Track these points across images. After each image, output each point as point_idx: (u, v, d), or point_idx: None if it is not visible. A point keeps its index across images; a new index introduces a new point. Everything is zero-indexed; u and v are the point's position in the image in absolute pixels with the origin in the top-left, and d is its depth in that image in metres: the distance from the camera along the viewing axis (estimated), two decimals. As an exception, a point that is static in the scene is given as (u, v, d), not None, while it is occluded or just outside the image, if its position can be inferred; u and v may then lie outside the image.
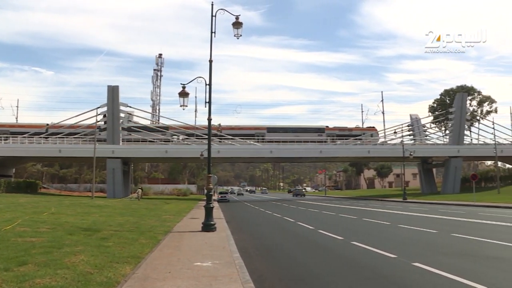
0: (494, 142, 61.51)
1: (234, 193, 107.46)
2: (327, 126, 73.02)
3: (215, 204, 33.58)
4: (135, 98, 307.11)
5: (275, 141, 65.05)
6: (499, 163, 70.94)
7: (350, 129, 73.42)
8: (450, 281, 7.84)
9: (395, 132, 66.55)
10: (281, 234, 17.96)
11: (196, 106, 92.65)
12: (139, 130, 60.44)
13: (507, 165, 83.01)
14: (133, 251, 10.75)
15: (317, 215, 28.88)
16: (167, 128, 63.06)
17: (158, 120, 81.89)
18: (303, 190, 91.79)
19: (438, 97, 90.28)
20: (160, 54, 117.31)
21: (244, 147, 61.32)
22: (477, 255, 10.99)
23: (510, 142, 68.41)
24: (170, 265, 9.13)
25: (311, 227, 19.30)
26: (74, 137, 59.21)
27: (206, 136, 17.95)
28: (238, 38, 17.93)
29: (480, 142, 69.20)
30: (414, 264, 9.49)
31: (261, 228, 20.67)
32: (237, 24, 17.71)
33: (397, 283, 7.98)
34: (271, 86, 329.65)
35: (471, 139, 72.20)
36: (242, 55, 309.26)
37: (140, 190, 54.38)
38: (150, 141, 60.71)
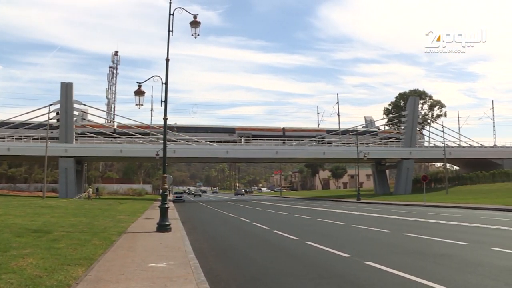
0: (443, 144, 63.50)
1: (193, 194, 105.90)
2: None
3: (170, 205, 33.30)
4: (89, 96, 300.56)
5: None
6: (448, 165, 73.37)
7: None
8: (400, 279, 8.07)
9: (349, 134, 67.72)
10: (237, 234, 17.98)
11: (152, 105, 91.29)
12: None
13: (455, 167, 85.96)
14: (86, 252, 10.47)
15: (273, 216, 29.04)
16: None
17: (113, 119, 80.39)
18: (242, 190, 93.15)
19: (393, 99, 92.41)
20: (116, 52, 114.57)
21: (200, 147, 60.98)
22: (426, 253, 11.32)
23: (457, 145, 70.87)
24: (124, 267, 8.96)
25: (266, 227, 19.40)
26: (24, 135, 57.31)
27: (163, 135, 17.73)
28: (195, 38, 17.81)
29: (430, 145, 71.33)
30: (367, 263, 9.69)
31: (217, 229, 20.63)
32: (195, 24, 17.59)
33: (350, 282, 8.13)
34: (228, 87, 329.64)
35: (428, 142, 74.26)
36: (199, 55, 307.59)
37: (90, 189, 53.25)
38: (104, 140, 59.53)
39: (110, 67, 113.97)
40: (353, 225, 20.16)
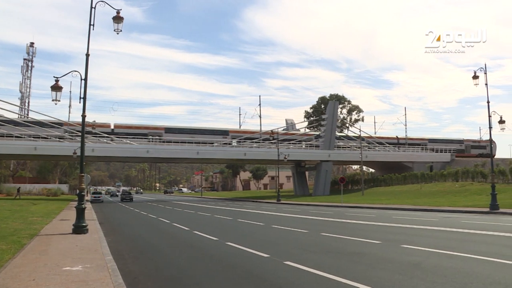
0: (360, 148, 66.04)
1: (117, 195, 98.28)
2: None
3: (88, 205, 32.18)
4: (1, 89, 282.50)
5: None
6: (364, 168, 76.47)
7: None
8: (317, 277, 8.30)
9: (271, 136, 68.62)
10: (156, 235, 17.68)
11: (70, 101, 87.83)
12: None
13: (371, 169, 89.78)
14: (-10, 258, 9.81)
15: (193, 216, 28.88)
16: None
17: (27, 114, 76.03)
18: (130, 194, 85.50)
19: (314, 103, 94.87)
20: (32, 43, 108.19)
21: (120, 146, 59.17)
22: (342, 252, 11.73)
23: (373, 149, 74.02)
24: (35, 272, 8.48)
25: (186, 228, 19.27)
26: None
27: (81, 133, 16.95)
28: (118, 34, 17.35)
29: (348, 148, 73.94)
30: (285, 262, 9.87)
31: (136, 230, 20.16)
32: (117, 19, 17.11)
33: (269, 281, 8.24)
34: (151, 85, 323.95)
35: (346, 145, 76.74)
36: (122, 52, 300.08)
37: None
38: (17, 137, 55.40)
39: (24, 59, 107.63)
40: (273, 226, 20.45)
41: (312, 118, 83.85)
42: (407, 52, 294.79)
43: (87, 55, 16.51)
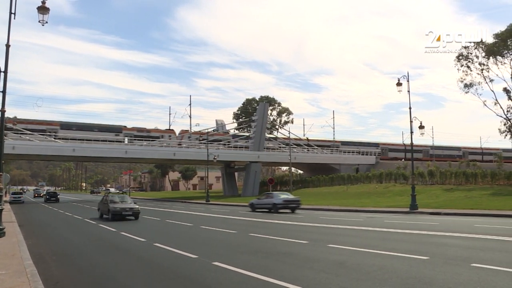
0: (289, 149, 67.09)
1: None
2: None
3: (7, 206, 30.61)
4: None
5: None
6: (293, 169, 77.78)
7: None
8: (245, 277, 8.37)
9: (200, 136, 68.34)
10: (81, 237, 17.10)
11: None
12: None
13: (299, 171, 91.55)
14: None
15: (121, 217, 28.21)
16: None
17: None
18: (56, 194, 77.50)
19: (243, 104, 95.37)
20: None
21: (44, 144, 56.29)
22: (270, 252, 11.86)
23: (302, 150, 75.44)
24: None
25: (113, 230, 18.81)
26: None
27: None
28: (43, 25, 16.56)
29: (277, 149, 74.88)
30: (214, 263, 9.87)
31: (59, 232, 19.41)
32: (43, 9, 16.33)
33: (197, 282, 8.22)
34: (78, 81, 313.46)
35: (275, 147, 77.61)
36: (47, 45, 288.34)
37: None
38: None
39: None
40: (202, 226, 20.38)
41: (240, 119, 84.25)
42: (336, 58, 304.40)
43: (8, 45, 15.59)
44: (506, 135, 48.54)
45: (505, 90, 47.53)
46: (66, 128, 63.07)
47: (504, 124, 48.16)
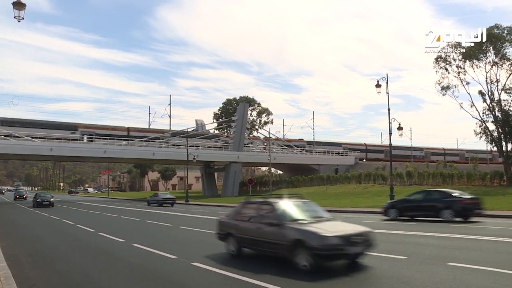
0: (269, 150, 67.27)
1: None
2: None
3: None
4: None
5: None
6: (272, 169, 77.95)
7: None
8: (224, 277, 8.46)
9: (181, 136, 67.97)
10: (59, 238, 16.91)
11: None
12: None
13: (279, 171, 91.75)
14: None
15: (99, 217, 28.00)
16: None
17: None
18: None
19: (223, 104, 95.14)
20: None
21: (20, 143, 55.17)
22: (251, 253, 11.88)
23: (281, 151, 75.69)
24: None
25: (91, 230, 18.66)
26: None
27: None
28: (19, 21, 16.20)
29: (257, 150, 74.94)
30: (193, 263, 9.90)
31: (35, 232, 19.15)
32: (18, 5, 15.95)
33: (176, 282, 8.25)
34: (56, 80, 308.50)
35: (255, 147, 77.73)
36: (24, 42, 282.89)
37: None
38: None
39: None
40: (181, 227, 20.33)
41: (221, 120, 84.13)
42: (316, 59, 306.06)
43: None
44: (481, 136, 49.20)
45: (481, 92, 48.29)
46: (7, 124, 57.40)
47: (480, 126, 48.86)
